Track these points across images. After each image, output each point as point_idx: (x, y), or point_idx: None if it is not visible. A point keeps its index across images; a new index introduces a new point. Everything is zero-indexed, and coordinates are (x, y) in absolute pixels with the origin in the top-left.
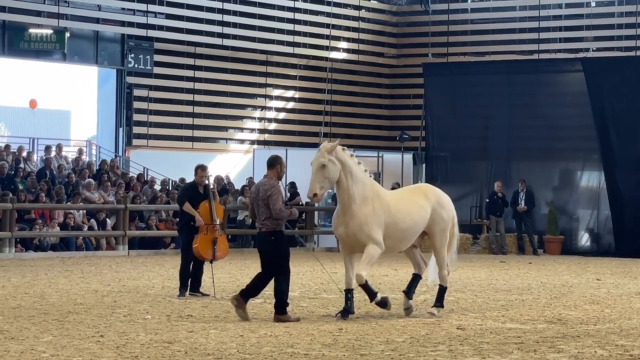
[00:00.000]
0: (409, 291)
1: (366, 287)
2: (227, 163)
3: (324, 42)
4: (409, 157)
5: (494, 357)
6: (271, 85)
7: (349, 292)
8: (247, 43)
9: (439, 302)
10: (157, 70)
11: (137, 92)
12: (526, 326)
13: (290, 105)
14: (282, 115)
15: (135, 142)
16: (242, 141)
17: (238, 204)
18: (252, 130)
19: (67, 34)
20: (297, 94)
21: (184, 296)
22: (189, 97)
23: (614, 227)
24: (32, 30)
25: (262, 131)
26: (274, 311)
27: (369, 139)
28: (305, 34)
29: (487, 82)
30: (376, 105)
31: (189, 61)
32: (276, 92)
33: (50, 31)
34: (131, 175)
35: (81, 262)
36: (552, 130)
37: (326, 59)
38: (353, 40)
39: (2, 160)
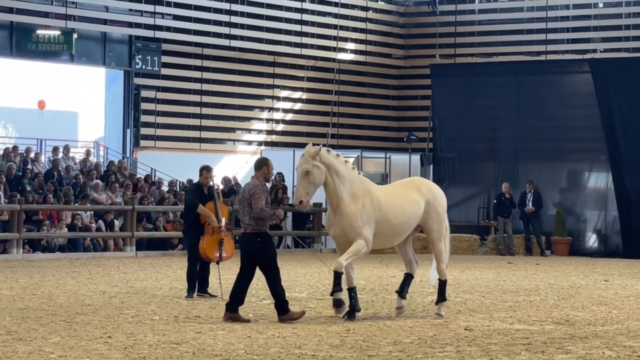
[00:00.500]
0: (402, 291)
1: (338, 277)
2: (235, 164)
3: (332, 44)
4: (416, 158)
5: (501, 358)
6: (278, 87)
7: (351, 291)
8: (254, 44)
9: (441, 296)
10: (165, 71)
11: (144, 93)
12: (534, 327)
13: (298, 106)
14: (289, 117)
15: (142, 143)
16: (249, 142)
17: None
18: (259, 132)
19: (75, 35)
20: (304, 95)
21: (192, 297)
22: (196, 98)
23: (621, 228)
24: (39, 32)
25: (270, 132)
26: (276, 312)
27: (377, 140)
28: (312, 35)
29: (494, 83)
30: (384, 107)
31: (197, 62)
32: (283, 93)
33: (57, 32)
34: (139, 176)
35: (89, 263)
36: (559, 131)
37: (334, 60)
38: (360, 42)
39: (10, 161)
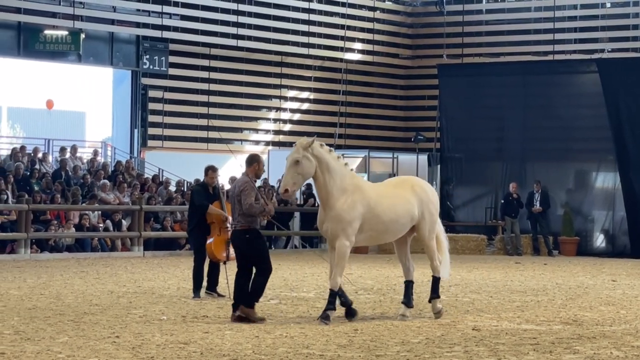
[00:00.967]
0: (408, 301)
1: (333, 295)
2: (242, 164)
3: (339, 44)
4: (423, 158)
5: (509, 358)
6: (286, 87)
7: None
8: (262, 44)
9: (434, 293)
10: (172, 71)
11: (152, 94)
12: (542, 327)
13: (305, 106)
14: (296, 117)
15: (150, 143)
16: (257, 142)
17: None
18: (267, 132)
19: (83, 36)
20: (311, 95)
21: (199, 297)
22: (203, 98)
23: (629, 228)
24: (47, 32)
25: (277, 132)
26: (240, 303)
27: (384, 140)
28: (320, 35)
29: (502, 83)
30: (391, 107)
31: (204, 62)
32: (291, 93)
33: (65, 32)
34: (146, 176)
35: (96, 263)
36: (567, 131)
37: (341, 60)
38: (368, 42)
39: (18, 161)
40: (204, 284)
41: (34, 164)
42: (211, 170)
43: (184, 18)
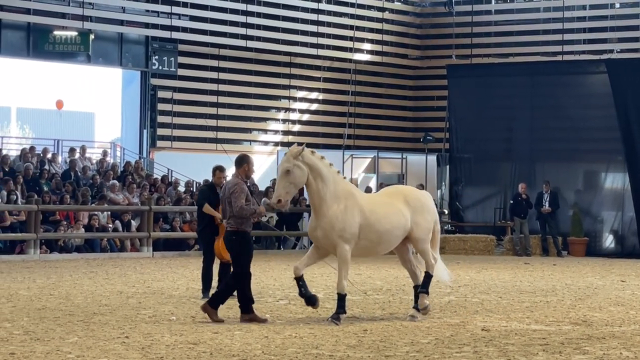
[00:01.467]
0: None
1: (342, 299)
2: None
3: (348, 44)
4: (432, 159)
5: (519, 359)
6: (295, 87)
7: (299, 280)
8: (271, 45)
9: (424, 287)
10: (181, 72)
11: (161, 94)
12: (551, 328)
13: (314, 106)
14: (305, 117)
15: (159, 143)
16: (265, 143)
17: (262, 205)
18: (275, 132)
19: (92, 36)
20: (320, 96)
21: (208, 297)
22: (212, 98)
23: (638, 229)
24: (56, 33)
25: (286, 133)
26: (207, 301)
27: (393, 140)
28: (329, 36)
29: (510, 84)
30: (400, 107)
31: (213, 63)
32: (300, 93)
33: (74, 33)
34: (155, 176)
35: (106, 263)
36: (576, 131)
37: (350, 60)
38: (377, 42)
39: (27, 161)
40: (214, 284)
41: (44, 164)
42: (219, 171)
43: (193, 19)
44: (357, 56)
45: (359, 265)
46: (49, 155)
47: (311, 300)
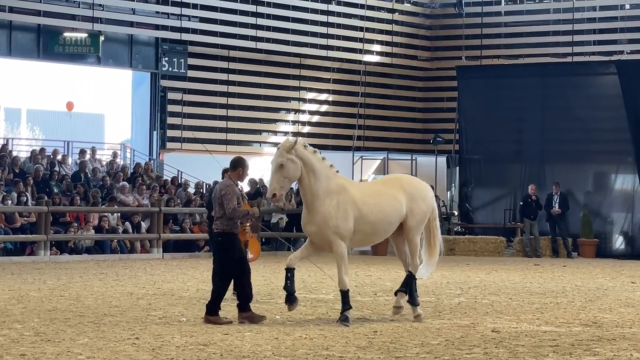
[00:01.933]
0: (413, 301)
1: (346, 295)
2: (261, 166)
3: (358, 45)
4: (442, 160)
5: None
6: (305, 89)
7: (288, 272)
8: (280, 46)
9: (404, 287)
10: (191, 73)
11: (171, 96)
12: (561, 329)
13: (324, 108)
14: (315, 119)
15: (169, 145)
16: (275, 144)
17: (271, 206)
18: (285, 134)
19: (102, 38)
20: (330, 97)
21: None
22: (222, 100)
23: None
24: (66, 34)
25: (296, 134)
26: (204, 313)
27: (403, 141)
28: (338, 37)
29: (520, 85)
30: (410, 109)
31: (223, 64)
32: (310, 95)
33: (84, 35)
34: (165, 178)
35: (116, 264)
36: (586, 133)
37: (360, 62)
38: (386, 44)
39: (37, 163)
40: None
41: (54, 166)
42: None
43: (202, 20)
44: (367, 57)
45: (369, 266)
46: (59, 157)
47: (290, 299)
